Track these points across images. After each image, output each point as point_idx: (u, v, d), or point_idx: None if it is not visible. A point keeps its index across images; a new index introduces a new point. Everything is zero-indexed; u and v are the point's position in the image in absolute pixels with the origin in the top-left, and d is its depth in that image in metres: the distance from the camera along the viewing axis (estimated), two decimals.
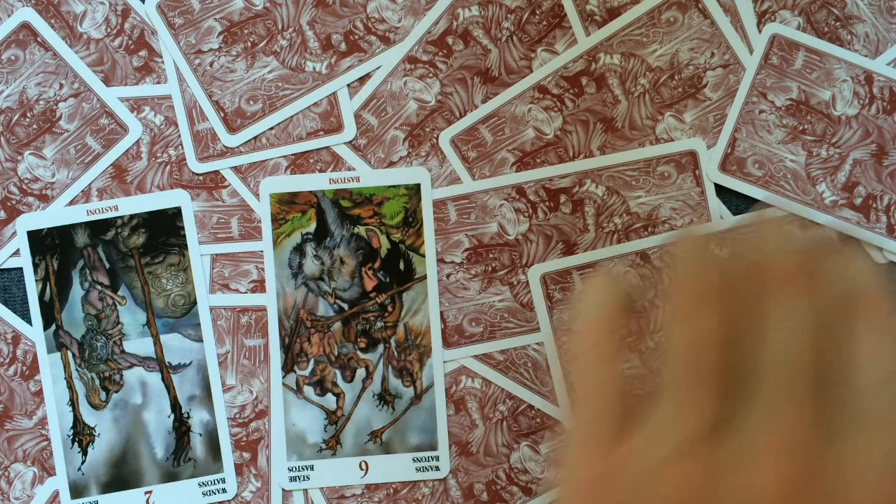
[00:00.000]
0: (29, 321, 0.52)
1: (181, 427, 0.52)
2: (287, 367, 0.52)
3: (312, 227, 0.53)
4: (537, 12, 0.53)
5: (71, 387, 0.52)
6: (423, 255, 0.53)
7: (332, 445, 0.52)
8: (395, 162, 0.53)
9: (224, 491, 0.52)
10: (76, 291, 0.52)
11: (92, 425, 0.52)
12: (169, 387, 0.52)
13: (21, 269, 0.52)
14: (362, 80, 0.53)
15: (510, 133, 0.53)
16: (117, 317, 0.52)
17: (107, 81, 0.53)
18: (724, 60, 0.53)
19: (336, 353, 0.53)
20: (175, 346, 0.52)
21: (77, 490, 0.52)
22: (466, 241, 0.53)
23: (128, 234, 0.52)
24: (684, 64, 0.53)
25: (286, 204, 0.52)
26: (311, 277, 0.52)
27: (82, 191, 0.52)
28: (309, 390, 0.52)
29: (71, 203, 0.52)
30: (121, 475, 0.52)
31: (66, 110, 0.52)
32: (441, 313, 0.53)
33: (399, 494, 0.53)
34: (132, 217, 0.52)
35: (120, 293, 0.52)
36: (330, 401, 0.53)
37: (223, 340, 0.52)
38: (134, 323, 0.52)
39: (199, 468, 0.52)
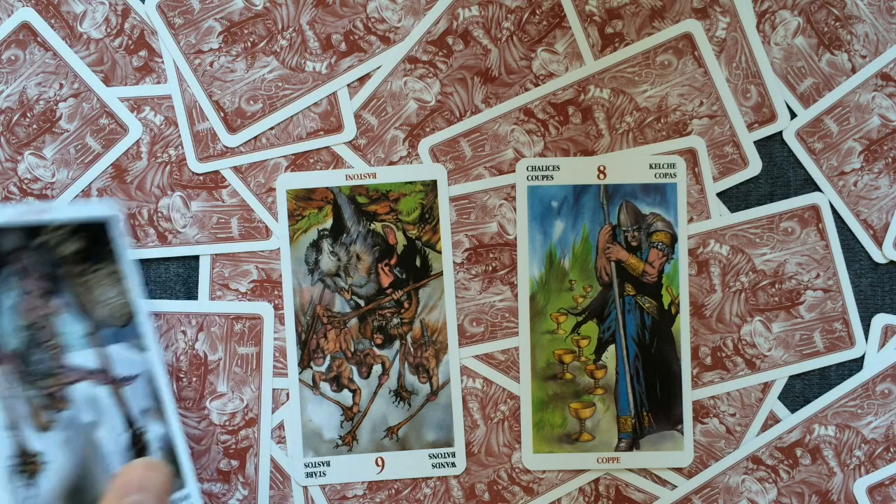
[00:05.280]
0: None
1: (138, 443, 0.48)
2: (303, 364, 0.52)
3: (329, 223, 0.53)
4: (537, 12, 0.53)
5: (9, 408, 0.45)
6: (439, 252, 0.53)
7: (348, 441, 0.52)
8: (395, 162, 0.53)
9: None
10: (6, 300, 0.46)
11: (39, 452, 0.45)
12: (120, 401, 0.48)
13: None
14: (362, 80, 0.53)
15: (490, 151, 0.53)
16: (56, 327, 0.47)
17: (107, 81, 0.53)
18: (712, 111, 0.53)
19: (352, 350, 0.53)
20: (121, 356, 0.49)
21: None
22: (466, 241, 0.53)
23: (63, 241, 0.48)
24: (672, 108, 0.53)
25: (302, 200, 0.52)
26: (328, 273, 0.52)
27: (82, 191, 0.52)
28: (325, 386, 0.52)
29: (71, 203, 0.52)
30: None
31: (66, 110, 0.52)
32: None
33: (401, 495, 0.53)
34: (66, 224, 0.48)
35: (58, 301, 0.47)
36: (346, 397, 0.52)
37: (216, 347, 0.52)
38: (75, 334, 0.48)
39: None
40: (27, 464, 0.45)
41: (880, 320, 0.53)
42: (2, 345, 0.46)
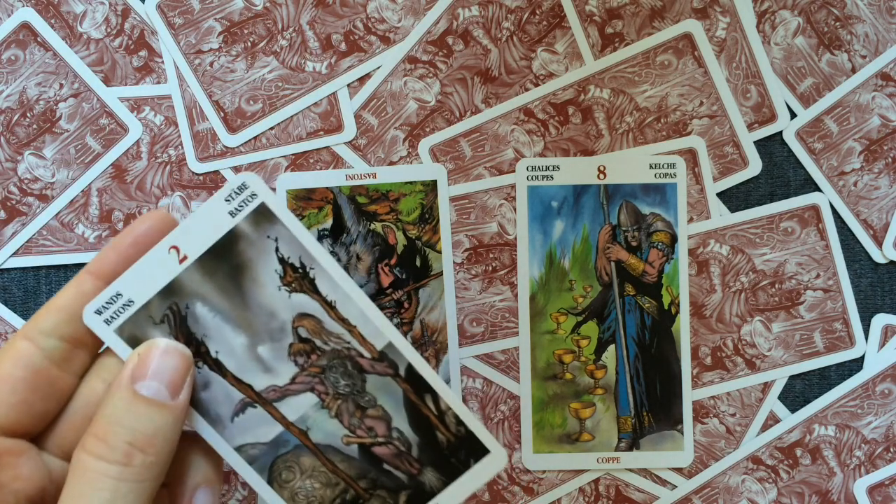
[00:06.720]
0: None
1: None
2: None
3: (329, 223, 0.53)
4: (537, 12, 0.53)
5: None
6: (439, 252, 0.53)
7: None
8: (395, 162, 0.53)
9: None
10: None
11: None
12: None
13: (22, 268, 0.52)
14: (362, 80, 0.53)
15: (490, 151, 0.53)
16: None
17: (107, 81, 0.53)
18: (712, 111, 0.53)
19: None
20: None
21: None
22: (466, 241, 0.53)
23: None
24: (672, 108, 0.53)
25: (302, 200, 0.52)
26: None
27: (82, 191, 0.52)
28: None
29: (71, 203, 0.52)
30: None
31: (66, 110, 0.52)
32: None
33: None
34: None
35: None
36: None
37: None
38: None
39: None
40: None
41: (880, 320, 0.53)
42: None
